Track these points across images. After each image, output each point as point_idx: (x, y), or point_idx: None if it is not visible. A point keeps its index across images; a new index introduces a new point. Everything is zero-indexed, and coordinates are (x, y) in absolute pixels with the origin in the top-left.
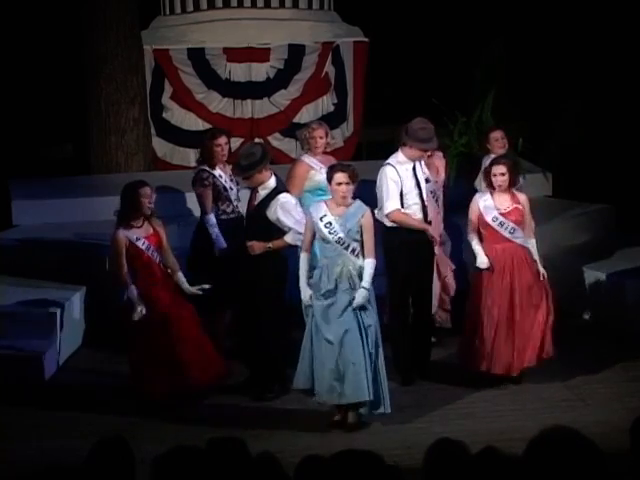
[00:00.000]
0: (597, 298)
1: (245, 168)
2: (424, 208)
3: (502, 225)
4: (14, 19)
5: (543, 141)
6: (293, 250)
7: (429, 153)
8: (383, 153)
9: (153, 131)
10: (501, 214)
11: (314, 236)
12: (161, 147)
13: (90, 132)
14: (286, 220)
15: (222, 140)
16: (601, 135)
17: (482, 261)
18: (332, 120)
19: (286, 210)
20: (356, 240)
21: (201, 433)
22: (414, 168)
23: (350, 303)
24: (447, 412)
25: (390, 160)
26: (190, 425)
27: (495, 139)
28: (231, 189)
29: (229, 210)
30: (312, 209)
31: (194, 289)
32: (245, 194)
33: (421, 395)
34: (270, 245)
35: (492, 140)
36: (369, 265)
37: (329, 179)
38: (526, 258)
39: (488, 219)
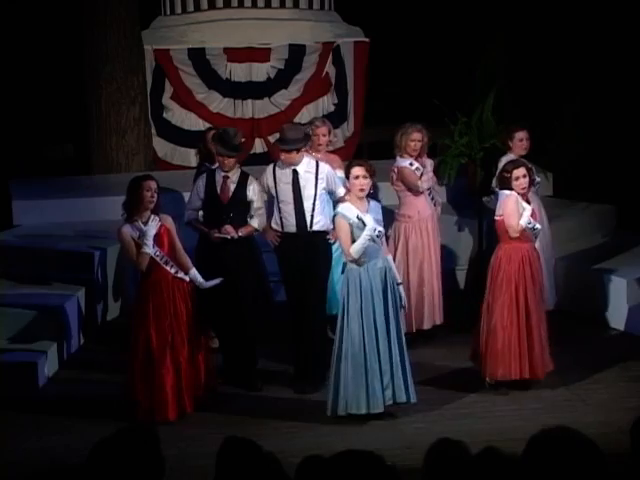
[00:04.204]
0: (597, 298)
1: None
2: (299, 216)
3: (534, 228)
4: (15, 19)
5: (543, 141)
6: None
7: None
8: (384, 153)
9: (154, 131)
10: (533, 215)
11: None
12: (162, 147)
13: (91, 132)
14: (260, 200)
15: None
16: (601, 135)
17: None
18: (333, 120)
19: (259, 191)
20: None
21: (202, 433)
22: (295, 173)
23: (394, 300)
24: (447, 412)
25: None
26: (191, 425)
27: (520, 139)
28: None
29: None
30: (345, 212)
31: (210, 283)
32: None
33: (421, 395)
34: (240, 233)
35: (516, 140)
36: (392, 260)
37: (346, 175)
38: (540, 263)
39: (523, 222)
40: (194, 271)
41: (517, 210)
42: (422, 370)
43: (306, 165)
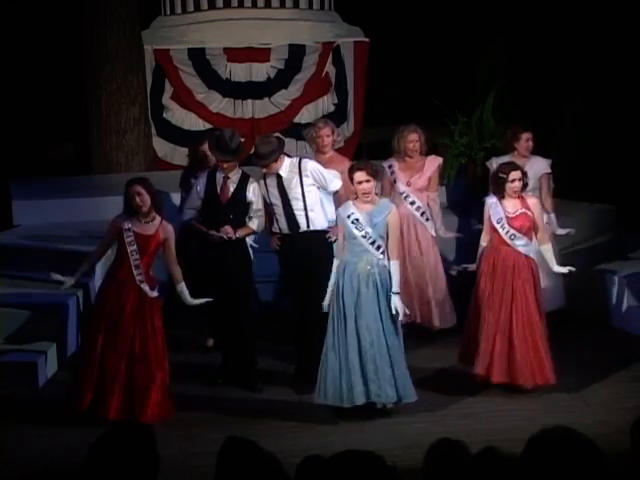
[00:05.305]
0: (597, 298)
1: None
2: (289, 218)
3: (503, 229)
4: (15, 19)
5: (543, 141)
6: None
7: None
8: (384, 153)
9: (154, 131)
10: (507, 217)
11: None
12: (162, 147)
13: (91, 132)
14: (259, 202)
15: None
16: (601, 135)
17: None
18: (333, 120)
19: (259, 192)
20: (382, 237)
21: (202, 433)
22: (278, 177)
23: (376, 303)
24: (447, 412)
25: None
26: (191, 425)
27: (526, 139)
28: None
29: None
30: (340, 209)
31: (196, 301)
32: None
33: (421, 395)
34: (238, 234)
35: (523, 140)
36: (395, 267)
37: (350, 180)
38: (524, 268)
39: (493, 221)
40: (182, 285)
41: (485, 211)
42: (422, 370)
43: (289, 166)
